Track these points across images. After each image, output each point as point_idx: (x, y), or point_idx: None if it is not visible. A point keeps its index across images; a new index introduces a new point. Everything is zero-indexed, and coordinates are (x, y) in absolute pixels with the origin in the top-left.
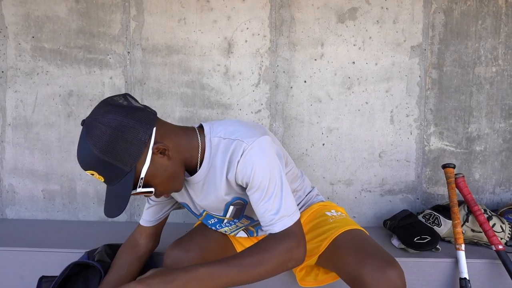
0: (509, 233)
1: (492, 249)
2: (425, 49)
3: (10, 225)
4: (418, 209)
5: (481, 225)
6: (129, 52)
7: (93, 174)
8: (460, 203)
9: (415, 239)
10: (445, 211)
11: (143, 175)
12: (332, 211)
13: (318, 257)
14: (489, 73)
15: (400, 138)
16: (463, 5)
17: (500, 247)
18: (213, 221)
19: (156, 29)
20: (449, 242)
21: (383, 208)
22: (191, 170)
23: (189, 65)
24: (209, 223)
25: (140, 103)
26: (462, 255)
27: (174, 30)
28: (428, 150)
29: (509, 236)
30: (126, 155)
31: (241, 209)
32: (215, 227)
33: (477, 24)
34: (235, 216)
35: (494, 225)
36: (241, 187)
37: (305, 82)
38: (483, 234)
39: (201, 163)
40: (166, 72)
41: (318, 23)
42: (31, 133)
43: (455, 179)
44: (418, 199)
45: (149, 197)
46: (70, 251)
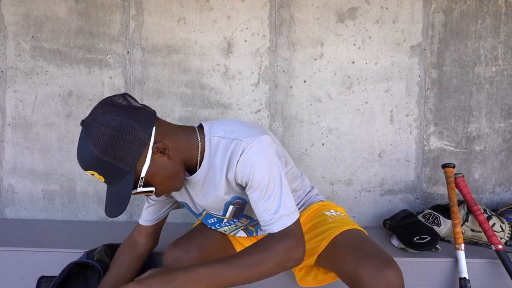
0: (508, 233)
1: (491, 248)
2: (425, 49)
3: (9, 225)
4: (417, 209)
5: (480, 225)
6: (128, 52)
7: (93, 174)
8: (459, 203)
9: (415, 239)
10: (444, 210)
11: (143, 174)
12: (331, 210)
13: (317, 257)
14: (489, 72)
15: (399, 138)
16: (462, 4)
17: (499, 246)
18: (213, 221)
19: (155, 29)
20: (449, 241)
21: (382, 208)
22: (191, 169)
23: (189, 65)
24: (209, 222)
25: (139, 103)
26: (461, 254)
27: (173, 30)
28: (427, 149)
29: (509, 235)
30: (126, 155)
31: (240, 208)
32: (215, 226)
33: (476, 23)
34: (234, 215)
35: (493, 224)
36: (241, 187)
37: (305, 82)
38: (482, 233)
39: (200, 163)
40: (165, 72)
41: (317, 23)
42: (30, 133)
43: (455, 178)
44: (417, 198)
45: (149, 197)
46: (70, 251)
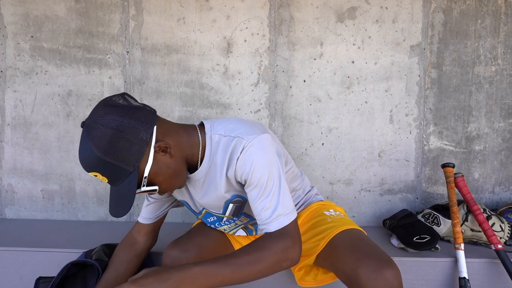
0: (508, 233)
1: (491, 248)
2: (425, 49)
3: (9, 225)
4: (417, 209)
5: (480, 225)
6: (128, 51)
7: (96, 175)
8: (459, 203)
9: (415, 239)
10: (444, 210)
11: (146, 174)
12: (330, 210)
13: (316, 256)
14: (489, 72)
15: (399, 137)
16: (462, 4)
17: (499, 246)
18: (212, 219)
19: (155, 29)
20: (449, 241)
21: (382, 207)
22: (192, 167)
23: (188, 65)
24: (208, 221)
25: (138, 102)
26: (461, 254)
27: (173, 29)
28: (427, 149)
29: (508, 235)
30: (128, 155)
31: (240, 207)
32: (214, 225)
33: (476, 23)
34: (234, 214)
35: (493, 224)
36: (241, 185)
37: (305, 81)
38: (482, 233)
39: (201, 161)
40: (165, 71)
41: (317, 23)
42: (30, 133)
43: (455, 178)
44: (417, 198)
45: (150, 195)
46: (69, 251)
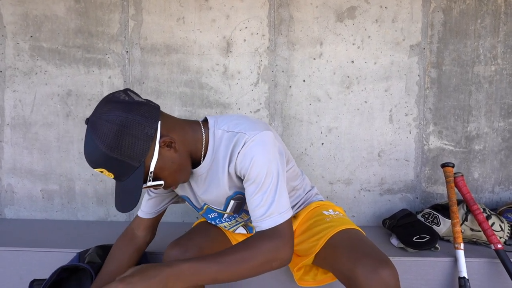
0: (508, 232)
1: (491, 248)
2: (424, 48)
3: (9, 225)
4: (417, 208)
5: (480, 224)
6: (127, 51)
7: (102, 171)
8: (459, 202)
9: (414, 238)
10: (444, 210)
11: (152, 168)
12: (329, 210)
13: (314, 256)
14: (488, 72)
15: (399, 137)
16: (462, 4)
17: (499, 246)
18: (213, 216)
19: (154, 28)
20: (448, 241)
21: (382, 207)
22: (195, 163)
23: (188, 65)
24: (209, 217)
25: (142, 98)
26: (461, 254)
27: (172, 29)
28: (427, 149)
29: (508, 235)
30: (134, 151)
31: (241, 204)
32: (215, 221)
33: (476, 23)
34: (235, 211)
35: (493, 224)
36: (241, 180)
37: (304, 81)
38: (482, 233)
39: (204, 156)
40: (165, 71)
41: (317, 22)
42: (29, 133)
43: (454, 178)
44: (417, 198)
45: (151, 190)
46: (69, 251)
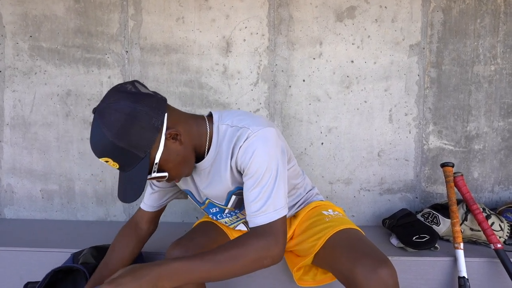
0: (507, 232)
1: (490, 247)
2: (424, 48)
3: (8, 225)
4: (417, 208)
5: (479, 224)
6: (127, 51)
7: (107, 161)
8: (459, 202)
9: (414, 238)
10: (444, 210)
11: (157, 160)
12: (329, 210)
13: (314, 256)
14: (488, 71)
15: (399, 137)
16: (461, 3)
17: (498, 245)
18: (215, 210)
19: (154, 28)
20: (448, 241)
21: (382, 207)
22: (198, 157)
23: (188, 64)
24: (211, 211)
25: (149, 89)
26: (460, 253)
27: (172, 29)
28: (427, 149)
29: (508, 234)
30: (140, 141)
31: (242, 199)
32: (216, 217)
33: (475, 22)
34: (236, 206)
35: (492, 223)
36: (241, 175)
37: (304, 81)
38: (481, 232)
39: (208, 150)
40: (164, 71)
41: (316, 22)
42: (29, 133)
43: (454, 177)
44: (417, 198)
45: (155, 184)
46: (68, 251)
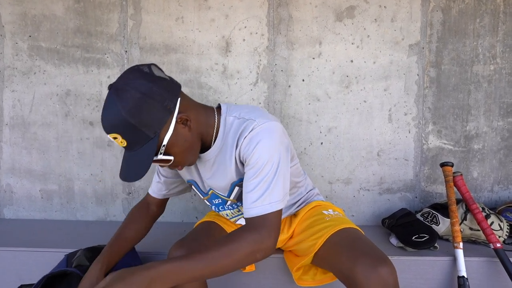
0: (507, 231)
1: (490, 247)
2: (423, 48)
3: (8, 225)
4: (416, 208)
5: (479, 223)
6: (126, 51)
7: (116, 137)
8: (458, 202)
9: (413, 238)
10: (443, 209)
11: (165, 142)
12: (329, 210)
13: (314, 256)
14: (487, 71)
15: (398, 136)
16: (461, 3)
17: (498, 245)
18: (218, 201)
19: (153, 28)
20: (447, 240)
21: (381, 206)
22: (204, 147)
23: (187, 64)
24: (214, 202)
25: (165, 74)
26: (460, 253)
27: (171, 29)
28: (426, 148)
29: (507, 234)
30: (152, 121)
31: None
32: (218, 208)
33: (475, 22)
34: (238, 199)
35: (492, 223)
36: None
37: (303, 80)
38: (481, 232)
39: (215, 141)
40: (163, 71)
41: (316, 22)
42: (28, 133)
43: (453, 177)
44: (416, 197)
45: (160, 171)
46: (68, 251)
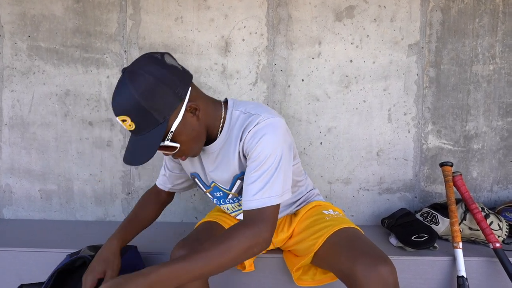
0: (506, 231)
1: (489, 247)
2: (423, 47)
3: (7, 225)
4: (416, 208)
5: (478, 223)
6: (126, 51)
7: (125, 120)
8: (457, 201)
9: (413, 238)
10: (442, 209)
11: (173, 128)
12: (329, 210)
13: (313, 255)
14: (487, 71)
15: (398, 136)
16: (460, 3)
17: (497, 245)
18: (219, 195)
19: (153, 28)
20: (447, 240)
21: (381, 206)
22: (209, 140)
23: (186, 64)
24: (215, 195)
25: (178, 63)
26: (459, 253)
27: (171, 29)
28: (426, 148)
29: (506, 234)
30: (163, 106)
31: None
32: (220, 201)
33: (474, 22)
34: (239, 193)
35: (491, 223)
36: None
37: (303, 80)
38: (480, 232)
39: (220, 134)
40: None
41: (315, 22)
42: (27, 133)
43: (453, 177)
44: (416, 197)
45: (167, 165)
46: (67, 251)
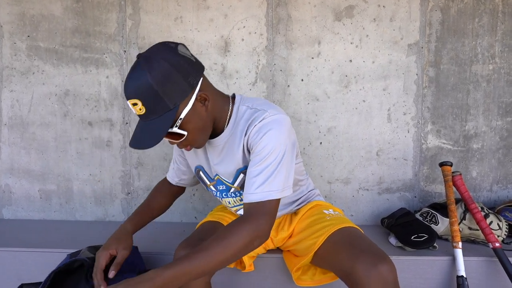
0: (506, 231)
1: (489, 246)
2: (422, 47)
3: (6, 225)
4: (415, 207)
5: (478, 223)
6: (125, 51)
7: (135, 104)
8: (457, 201)
9: (412, 237)
10: (442, 209)
11: (182, 116)
12: (329, 210)
13: (313, 255)
14: (486, 71)
15: (397, 136)
16: (460, 3)
17: (497, 244)
18: (222, 188)
19: (152, 28)
20: (446, 240)
21: (380, 206)
22: (214, 133)
23: None
24: (218, 188)
25: (191, 54)
26: (459, 253)
27: (170, 28)
28: (425, 148)
29: (506, 233)
30: (174, 92)
31: None
32: (222, 195)
33: (474, 22)
34: (242, 187)
35: (491, 222)
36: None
37: (302, 80)
38: (480, 232)
39: (226, 128)
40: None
41: (315, 21)
42: (27, 133)
43: (452, 177)
44: (415, 197)
45: (176, 159)
46: (67, 251)
